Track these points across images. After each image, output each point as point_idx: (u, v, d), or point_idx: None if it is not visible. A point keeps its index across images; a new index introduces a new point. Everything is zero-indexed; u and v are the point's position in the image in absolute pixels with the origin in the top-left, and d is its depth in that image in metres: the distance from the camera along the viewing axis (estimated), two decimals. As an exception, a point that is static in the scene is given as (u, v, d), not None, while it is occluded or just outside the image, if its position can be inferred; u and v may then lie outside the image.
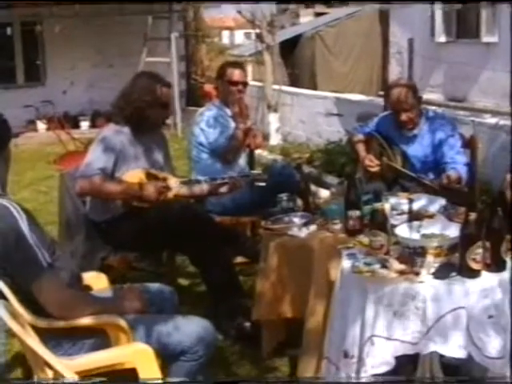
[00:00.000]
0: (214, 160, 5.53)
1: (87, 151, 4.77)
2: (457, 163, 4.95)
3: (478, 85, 13.65)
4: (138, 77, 4.94)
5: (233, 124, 5.66)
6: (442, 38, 14.86)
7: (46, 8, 14.59)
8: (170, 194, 4.75)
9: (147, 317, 3.37)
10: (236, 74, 5.67)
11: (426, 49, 14.32)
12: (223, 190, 5.04)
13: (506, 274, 3.28)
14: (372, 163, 5.21)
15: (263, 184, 5.02)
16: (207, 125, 5.56)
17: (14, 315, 2.97)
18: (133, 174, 4.67)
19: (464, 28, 14.64)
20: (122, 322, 3.19)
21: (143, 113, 4.72)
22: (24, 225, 3.07)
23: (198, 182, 5.07)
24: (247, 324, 4.59)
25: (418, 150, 5.19)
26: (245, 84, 5.74)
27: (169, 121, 14.42)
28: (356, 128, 5.78)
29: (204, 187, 5.03)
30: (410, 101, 5.07)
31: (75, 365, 3.03)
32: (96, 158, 4.58)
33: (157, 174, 4.78)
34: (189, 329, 3.30)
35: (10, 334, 3.05)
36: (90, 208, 4.81)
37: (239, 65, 6.06)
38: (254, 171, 5.11)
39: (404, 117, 5.08)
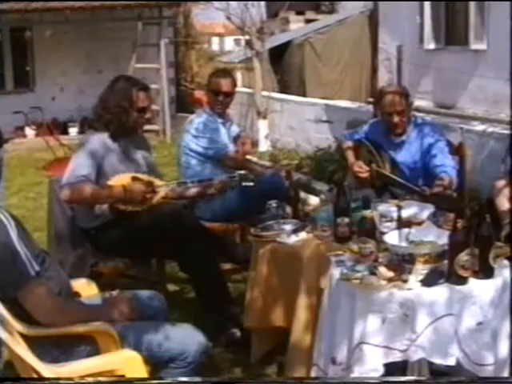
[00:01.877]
0: (203, 166, 5.54)
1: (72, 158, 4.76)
2: (446, 166, 4.96)
3: (467, 92, 13.68)
4: (115, 82, 4.87)
5: (223, 131, 5.68)
6: (431, 45, 14.88)
7: (35, 14, 14.59)
8: (157, 197, 4.74)
9: (136, 324, 3.38)
10: (220, 84, 5.67)
11: (415, 56, 14.33)
12: (211, 191, 5.05)
13: (495, 281, 3.30)
14: (361, 169, 5.22)
15: (251, 184, 5.02)
16: (197, 131, 5.57)
17: (2, 323, 2.97)
18: (118, 179, 4.65)
19: (453, 35, 14.67)
20: (111, 330, 3.19)
21: (121, 118, 4.69)
22: (13, 232, 3.07)
23: (185, 184, 5.07)
24: (236, 331, 4.59)
25: (406, 156, 5.21)
26: (228, 94, 5.73)
27: (158, 127, 14.47)
28: (345, 135, 5.79)
29: (191, 189, 5.03)
30: (403, 104, 5.10)
31: (64, 372, 3.03)
32: (79, 165, 4.56)
33: (142, 178, 4.76)
34: (178, 336, 3.30)
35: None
36: (79, 215, 4.80)
37: (228, 73, 6.06)
38: (241, 171, 5.09)
39: (396, 119, 5.10)
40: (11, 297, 3.10)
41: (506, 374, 3.24)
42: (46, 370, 2.94)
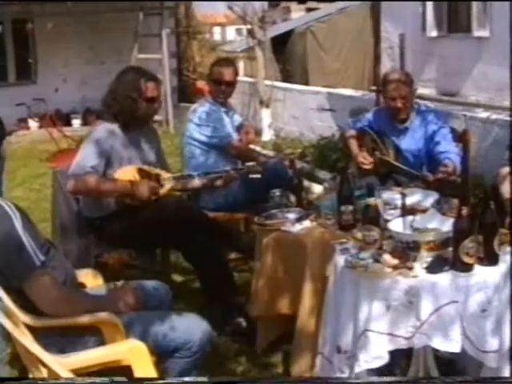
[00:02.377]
0: (207, 156, 5.54)
1: (79, 149, 4.76)
2: (450, 153, 4.96)
3: (471, 79, 13.65)
4: (123, 73, 4.86)
5: (226, 119, 5.68)
6: (434, 33, 14.83)
7: (37, 6, 14.57)
8: (164, 190, 4.74)
9: (141, 314, 3.38)
10: (222, 73, 5.67)
11: (418, 43, 14.30)
12: (218, 183, 5.05)
13: (499, 268, 3.29)
14: (365, 160, 5.22)
15: (258, 176, 5.01)
16: (200, 120, 5.57)
17: (8, 314, 2.97)
18: (125, 171, 4.66)
19: (455, 22, 14.63)
20: (117, 320, 3.20)
21: (130, 109, 4.69)
22: (18, 223, 3.08)
23: (191, 176, 5.07)
24: (242, 320, 4.59)
25: (410, 143, 5.21)
26: (230, 83, 5.73)
27: (161, 117, 14.46)
28: (348, 124, 5.79)
29: (197, 182, 5.03)
30: (407, 89, 5.10)
31: (70, 363, 3.03)
32: (87, 157, 4.56)
33: (149, 171, 4.77)
34: (183, 326, 3.30)
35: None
36: (83, 205, 4.80)
37: (230, 62, 6.05)
38: (248, 163, 5.08)
39: (400, 104, 5.10)
40: (17, 287, 3.10)
41: (508, 360, 3.24)
42: (52, 360, 2.94)
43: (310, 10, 22.32)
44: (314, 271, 3.84)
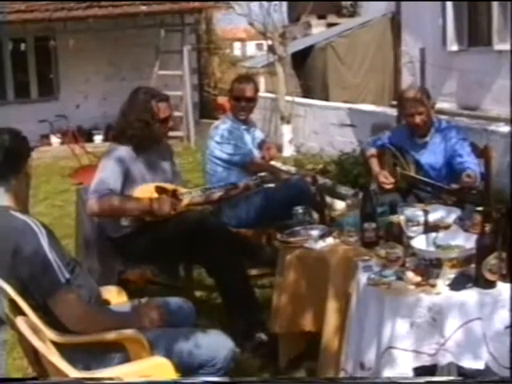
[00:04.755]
0: (228, 173, 5.56)
1: (97, 169, 4.78)
2: (470, 163, 4.97)
3: (491, 93, 13.60)
4: (133, 95, 4.87)
5: (247, 137, 5.71)
6: (454, 47, 14.81)
7: (59, 23, 14.71)
8: (181, 205, 4.76)
9: (166, 331, 3.40)
10: (243, 90, 5.70)
11: (438, 58, 14.28)
12: (233, 193, 5.08)
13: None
14: (387, 180, 5.21)
15: (272, 185, 5.03)
16: (222, 138, 5.59)
17: (35, 330, 3.00)
18: (143, 190, 4.68)
19: (476, 36, 14.59)
20: (142, 337, 3.22)
21: (143, 132, 4.71)
22: (44, 240, 3.11)
23: (209, 190, 5.10)
24: (264, 337, 4.60)
25: (430, 157, 5.21)
26: (251, 100, 5.76)
27: (182, 133, 14.53)
28: (368, 142, 5.79)
29: (214, 194, 5.06)
30: (424, 103, 5.11)
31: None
32: (105, 177, 4.58)
33: (166, 187, 4.79)
34: (207, 342, 3.32)
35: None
36: (106, 224, 4.83)
37: (250, 79, 6.09)
38: (261, 174, 5.11)
39: (418, 119, 5.12)
40: (42, 304, 3.14)
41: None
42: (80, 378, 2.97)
43: (330, 25, 22.36)
44: (338, 289, 3.84)
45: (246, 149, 5.64)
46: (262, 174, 5.12)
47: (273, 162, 6.57)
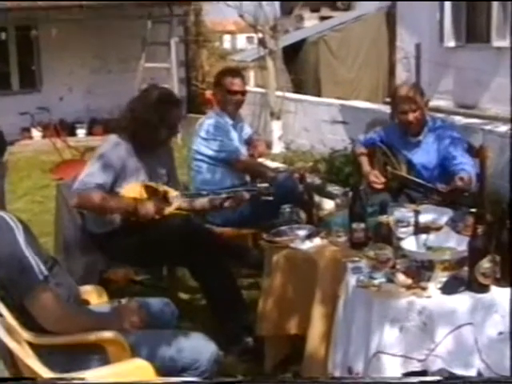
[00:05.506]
0: (214, 171, 5.56)
1: (85, 160, 4.76)
2: (465, 164, 4.95)
3: (489, 91, 13.64)
4: (147, 93, 4.85)
5: (234, 133, 5.70)
6: (451, 43, 14.85)
7: (41, 12, 14.65)
8: (171, 209, 4.74)
9: (147, 332, 3.40)
10: (234, 83, 5.70)
11: (435, 54, 14.34)
12: (228, 204, 5.03)
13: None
14: (377, 180, 5.21)
15: (270, 198, 5.00)
16: (207, 134, 5.58)
17: (10, 331, 2.99)
18: (131, 188, 4.66)
19: (474, 32, 14.63)
20: (121, 339, 3.21)
21: (148, 133, 4.69)
22: (20, 236, 3.11)
23: (200, 195, 5.07)
24: (250, 340, 4.60)
25: (423, 157, 5.20)
26: (243, 93, 5.77)
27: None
28: (359, 139, 5.79)
29: (207, 202, 5.03)
30: (418, 100, 5.11)
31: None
32: (94, 173, 4.55)
33: (156, 188, 4.77)
34: (190, 345, 3.32)
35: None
36: (88, 220, 4.82)
37: (237, 72, 6.09)
38: (261, 185, 5.07)
39: (411, 117, 5.11)
40: (19, 303, 3.13)
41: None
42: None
43: (323, 18, 22.39)
44: (325, 291, 3.84)
45: (232, 146, 5.64)
46: (263, 185, 5.06)
47: (261, 159, 6.55)
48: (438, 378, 3.14)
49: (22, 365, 3.02)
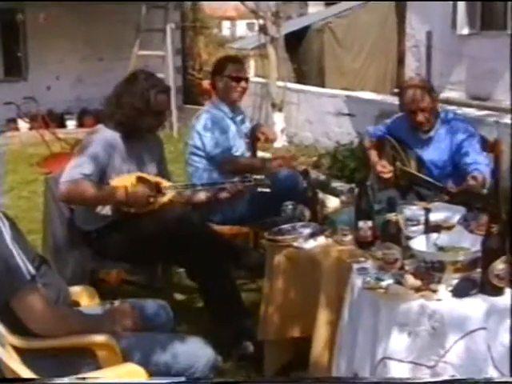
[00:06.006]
0: (211, 166, 5.56)
1: (73, 153, 4.78)
2: (479, 164, 4.93)
3: (504, 82, 13.61)
4: (133, 78, 4.86)
5: (233, 126, 5.70)
6: (465, 30, 14.82)
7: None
8: (163, 200, 4.76)
9: (140, 336, 3.40)
10: (238, 69, 5.72)
11: (447, 42, 14.34)
12: (223, 195, 5.06)
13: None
14: (385, 169, 5.21)
15: (267, 190, 5.02)
16: (204, 128, 5.58)
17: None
18: (122, 179, 4.68)
19: (489, 19, 14.60)
20: (113, 342, 3.22)
21: (135, 120, 4.71)
22: (7, 233, 3.11)
23: (195, 187, 5.08)
24: (249, 344, 4.61)
25: (434, 153, 5.20)
26: (247, 80, 5.80)
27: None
28: (367, 131, 5.78)
29: (201, 193, 5.05)
30: (427, 100, 5.08)
31: (62, 389, 3.05)
32: (82, 164, 4.57)
33: (149, 179, 4.79)
34: (186, 349, 3.33)
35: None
36: (78, 216, 4.83)
37: (239, 59, 6.11)
38: (257, 176, 5.08)
39: (421, 117, 5.09)
40: (4, 305, 3.13)
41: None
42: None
43: (328, 4, 22.36)
44: (330, 293, 3.84)
45: (228, 143, 5.62)
46: (258, 176, 5.08)
47: (262, 154, 6.56)
48: (446, 378, 3.15)
49: (5, 368, 3.02)
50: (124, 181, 4.68)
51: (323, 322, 3.86)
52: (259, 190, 5.05)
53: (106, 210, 4.70)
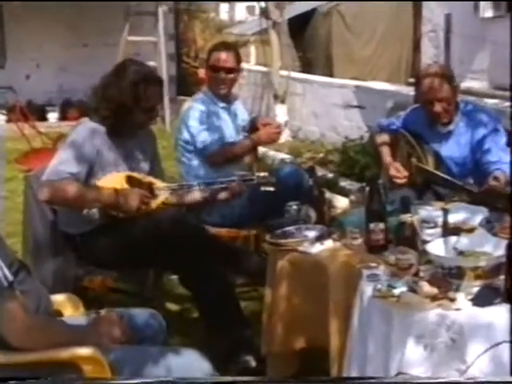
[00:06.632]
0: (202, 162, 5.58)
1: (56, 148, 4.77)
2: (502, 162, 4.93)
3: (530, 70, 13.64)
4: (122, 69, 4.82)
5: (225, 115, 5.70)
6: (489, 13, 14.74)
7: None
8: (157, 202, 4.76)
9: (129, 348, 3.41)
10: (221, 59, 5.70)
11: (468, 26, 14.29)
12: (222, 196, 5.05)
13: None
14: (399, 174, 5.18)
15: (271, 189, 5.02)
16: (193, 119, 5.59)
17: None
18: (110, 179, 4.67)
19: (516, 0, 14.59)
20: (100, 356, 3.22)
21: (122, 116, 4.70)
22: (-17, 237, 3.12)
23: (190, 187, 5.08)
24: (250, 358, 4.62)
25: (453, 149, 5.19)
26: (232, 70, 5.77)
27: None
28: (379, 124, 5.77)
29: (196, 193, 5.05)
30: (446, 89, 5.07)
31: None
32: (66, 161, 4.56)
33: (140, 179, 4.78)
34: (179, 363, 3.33)
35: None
36: (62, 218, 4.82)
37: (229, 45, 6.08)
38: (260, 174, 5.07)
39: (438, 107, 5.07)
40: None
41: None
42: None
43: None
44: (337, 301, 3.85)
45: (219, 134, 5.63)
46: (261, 174, 5.08)
47: (263, 149, 6.57)
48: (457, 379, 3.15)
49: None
50: (113, 181, 4.67)
51: (335, 331, 3.87)
52: (262, 189, 5.04)
53: (93, 213, 4.68)
